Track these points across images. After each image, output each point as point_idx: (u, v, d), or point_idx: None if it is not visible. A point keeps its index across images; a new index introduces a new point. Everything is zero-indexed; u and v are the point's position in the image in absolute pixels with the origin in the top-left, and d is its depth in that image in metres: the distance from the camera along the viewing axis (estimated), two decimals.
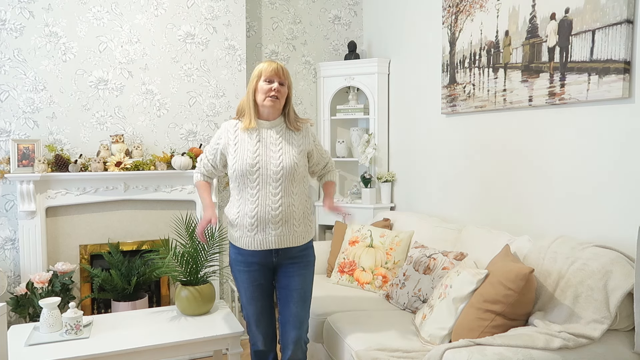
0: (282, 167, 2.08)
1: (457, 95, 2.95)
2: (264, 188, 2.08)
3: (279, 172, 2.08)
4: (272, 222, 2.07)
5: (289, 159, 2.10)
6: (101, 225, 3.24)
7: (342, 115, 3.95)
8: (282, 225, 2.09)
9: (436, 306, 2.16)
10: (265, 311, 2.22)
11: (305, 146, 2.19)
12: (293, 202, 2.11)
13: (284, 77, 2.11)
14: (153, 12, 3.34)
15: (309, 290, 2.21)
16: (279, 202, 2.07)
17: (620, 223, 2.01)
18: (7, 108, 3.04)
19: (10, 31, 3.03)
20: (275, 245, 2.10)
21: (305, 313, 2.20)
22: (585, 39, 2.08)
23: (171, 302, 3.36)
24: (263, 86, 2.09)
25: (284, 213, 2.08)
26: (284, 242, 2.11)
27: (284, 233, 2.10)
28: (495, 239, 2.40)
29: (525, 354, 1.61)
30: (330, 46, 4.18)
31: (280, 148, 2.11)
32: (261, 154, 2.09)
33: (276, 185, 2.08)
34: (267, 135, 2.13)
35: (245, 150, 2.10)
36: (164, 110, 3.40)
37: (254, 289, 2.17)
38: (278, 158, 2.09)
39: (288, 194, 2.10)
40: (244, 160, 2.08)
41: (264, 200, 2.07)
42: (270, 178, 2.08)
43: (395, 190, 3.78)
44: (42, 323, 2.30)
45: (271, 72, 2.08)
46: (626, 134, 1.98)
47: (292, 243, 2.13)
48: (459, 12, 2.92)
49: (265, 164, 2.08)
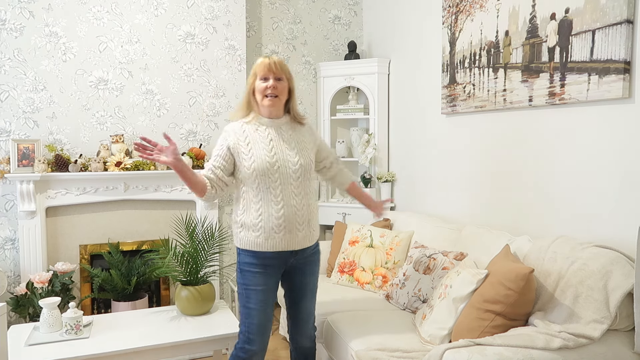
0: (300, 165, 2.02)
1: (457, 95, 2.95)
2: (286, 188, 2.00)
3: (297, 170, 2.01)
4: (298, 223, 2.01)
5: (305, 157, 2.06)
6: (101, 225, 3.24)
7: (342, 115, 3.95)
8: (306, 225, 2.05)
9: (436, 306, 2.16)
10: (271, 318, 2.12)
11: (314, 141, 2.16)
12: (310, 202, 2.07)
13: (279, 71, 2.01)
14: (153, 12, 3.34)
15: (317, 284, 2.26)
16: (302, 202, 2.02)
17: (620, 223, 2.01)
18: (7, 108, 3.04)
19: (10, 31, 3.03)
20: (300, 246, 2.05)
21: (314, 305, 2.25)
22: (585, 39, 2.08)
23: (171, 302, 3.36)
24: (259, 85, 2.01)
25: (307, 213, 2.04)
26: (306, 242, 2.08)
27: (307, 233, 2.06)
28: (495, 239, 2.40)
29: (525, 354, 1.61)
30: (330, 46, 4.18)
31: (294, 146, 2.06)
32: (277, 153, 2.01)
33: (297, 185, 2.02)
34: (278, 133, 2.05)
35: (260, 149, 1.99)
36: (164, 110, 3.40)
37: (268, 292, 2.06)
38: (295, 156, 2.03)
39: (306, 192, 2.06)
40: (263, 159, 1.97)
41: (288, 201, 1.99)
42: (290, 177, 2.00)
43: (395, 190, 3.78)
44: (42, 323, 2.30)
45: (264, 69, 2.00)
46: (626, 134, 1.98)
47: (311, 242, 2.11)
48: (459, 12, 2.92)
49: (284, 162, 2.00)
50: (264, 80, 2.01)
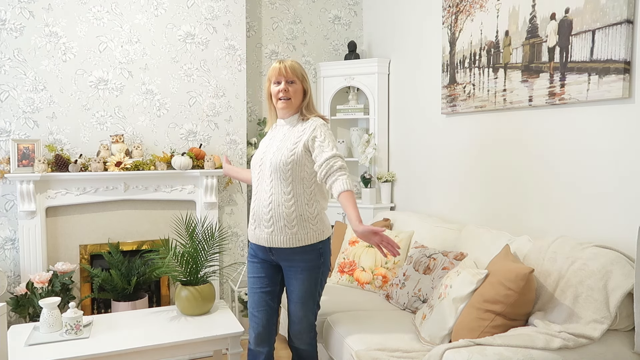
0: (271, 161, 2.06)
1: (457, 95, 2.95)
2: (261, 184, 2.12)
3: (267, 166, 2.09)
4: (265, 220, 2.08)
5: (279, 153, 2.04)
6: (101, 225, 3.24)
7: (342, 115, 3.95)
8: (274, 223, 2.05)
9: (436, 306, 2.16)
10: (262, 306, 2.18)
11: (305, 138, 2.03)
12: (283, 201, 2.02)
13: (291, 75, 2.10)
14: (153, 12, 3.34)
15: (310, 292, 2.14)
16: (270, 199, 2.05)
17: (620, 223, 2.01)
18: (7, 108, 3.04)
19: (10, 31, 3.03)
20: (269, 244, 2.10)
21: (306, 312, 2.17)
22: (585, 39, 2.08)
23: (171, 302, 3.36)
24: (273, 89, 2.14)
25: (276, 211, 2.03)
26: (279, 242, 2.07)
27: (278, 232, 2.05)
28: (495, 239, 2.40)
29: (525, 354, 1.61)
30: (330, 46, 4.18)
31: (279, 143, 2.11)
32: (266, 151, 2.14)
33: (269, 182, 2.07)
34: (279, 132, 2.18)
35: (259, 150, 2.20)
36: (164, 110, 3.40)
37: (258, 281, 2.21)
38: (271, 152, 2.10)
39: (281, 191, 2.03)
40: (255, 156, 2.19)
41: (260, 195, 2.11)
42: (264, 173, 2.11)
43: (395, 190, 3.78)
44: (42, 323, 2.30)
45: (275, 73, 2.12)
46: (626, 134, 1.98)
47: (288, 244, 2.06)
48: (459, 12, 2.92)
49: (266, 159, 2.11)
50: (277, 84, 2.12)
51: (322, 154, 1.97)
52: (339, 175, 1.93)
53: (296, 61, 2.16)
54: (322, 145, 1.99)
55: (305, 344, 2.26)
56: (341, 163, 1.95)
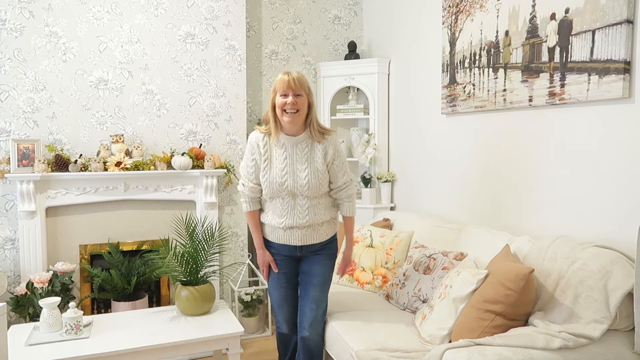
0: (309, 187, 2.19)
1: (457, 95, 2.95)
2: (293, 200, 2.22)
3: (305, 190, 2.20)
4: (298, 228, 2.24)
5: (315, 179, 2.20)
6: (101, 225, 3.24)
7: (342, 115, 3.95)
8: (308, 227, 2.26)
9: (436, 306, 2.16)
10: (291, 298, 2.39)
11: (328, 160, 2.24)
12: (319, 211, 2.25)
13: (298, 88, 2.12)
14: (153, 12, 3.34)
15: (329, 276, 2.36)
16: (305, 212, 2.23)
17: (620, 223, 2.01)
18: (7, 108, 3.04)
19: (10, 31, 3.03)
20: (300, 243, 2.27)
21: (324, 296, 2.35)
22: (585, 39, 2.08)
23: (171, 302, 3.36)
24: (279, 101, 2.13)
25: (311, 221, 2.24)
26: (307, 240, 2.28)
27: (308, 233, 2.27)
28: (495, 239, 2.40)
29: (525, 354, 1.61)
30: (330, 46, 4.18)
31: (306, 167, 2.19)
32: (289, 172, 2.19)
33: (303, 197, 2.22)
34: (293, 151, 2.21)
35: (274, 168, 2.20)
36: (164, 110, 3.40)
37: (279, 276, 2.35)
38: (304, 178, 2.19)
39: (314, 204, 2.24)
40: (274, 180, 2.20)
41: (292, 211, 2.23)
42: (297, 191, 2.20)
43: (395, 190, 3.78)
44: (42, 323, 2.30)
45: (283, 86, 2.12)
46: (626, 134, 1.98)
47: (315, 240, 2.29)
48: (459, 12, 2.92)
49: (293, 182, 2.19)
50: (284, 97, 2.13)
51: (338, 179, 2.29)
52: (349, 201, 2.34)
53: (302, 73, 2.19)
54: (339, 171, 2.28)
55: (317, 334, 2.35)
56: (354, 189, 2.36)
